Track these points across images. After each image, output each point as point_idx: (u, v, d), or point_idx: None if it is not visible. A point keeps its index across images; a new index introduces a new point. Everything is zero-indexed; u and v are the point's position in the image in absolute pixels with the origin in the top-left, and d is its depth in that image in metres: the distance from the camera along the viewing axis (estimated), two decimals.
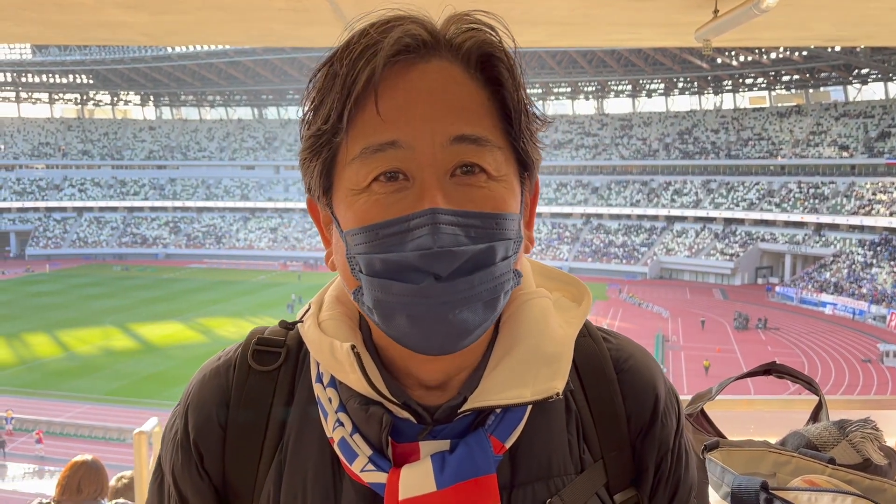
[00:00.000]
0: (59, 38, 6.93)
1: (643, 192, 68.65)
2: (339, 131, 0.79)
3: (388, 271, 0.77)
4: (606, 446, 0.93)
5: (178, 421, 0.93)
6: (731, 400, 2.50)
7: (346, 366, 0.83)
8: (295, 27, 5.74)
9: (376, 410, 0.83)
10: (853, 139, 60.70)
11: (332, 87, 0.79)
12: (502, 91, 0.82)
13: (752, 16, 4.64)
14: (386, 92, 0.78)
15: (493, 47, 0.82)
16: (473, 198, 0.78)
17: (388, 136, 0.77)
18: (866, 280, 49.07)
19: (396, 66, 0.78)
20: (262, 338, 0.95)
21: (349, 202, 0.80)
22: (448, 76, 0.80)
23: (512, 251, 0.81)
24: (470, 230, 0.77)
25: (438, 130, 0.78)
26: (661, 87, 75.96)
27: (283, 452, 0.90)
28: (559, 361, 0.86)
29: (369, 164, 0.78)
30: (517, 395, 0.83)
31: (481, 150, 0.79)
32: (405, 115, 0.78)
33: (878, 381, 32.95)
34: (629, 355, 0.97)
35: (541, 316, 0.88)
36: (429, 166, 0.77)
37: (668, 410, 0.96)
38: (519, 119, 0.82)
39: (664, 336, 40.87)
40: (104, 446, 25.28)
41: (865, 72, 62.72)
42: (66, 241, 75.47)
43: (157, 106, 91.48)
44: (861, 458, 1.35)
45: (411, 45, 0.78)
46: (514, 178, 0.83)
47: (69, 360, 37.21)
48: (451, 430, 0.84)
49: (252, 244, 74.80)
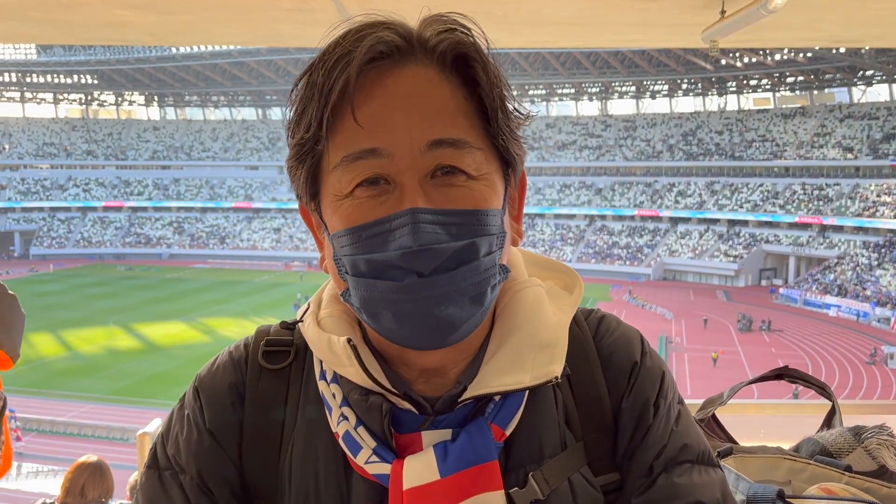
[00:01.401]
0: (64, 38, 6.93)
1: (647, 194, 68.54)
2: (321, 140, 0.81)
3: (373, 271, 0.79)
4: (588, 428, 0.93)
5: (190, 409, 0.93)
6: (740, 404, 2.47)
7: (343, 359, 0.85)
8: (300, 27, 5.73)
9: (376, 399, 0.85)
10: (857, 141, 60.51)
11: (311, 96, 0.81)
12: (479, 90, 0.82)
13: (759, 16, 4.61)
14: (363, 100, 0.79)
15: (467, 47, 0.82)
16: (453, 197, 0.80)
17: (368, 144, 0.79)
18: (870, 282, 48.90)
19: (371, 74, 0.79)
20: (270, 338, 0.97)
21: (334, 207, 0.82)
22: (424, 80, 0.81)
23: (496, 246, 0.82)
24: (451, 228, 0.78)
25: (416, 136, 0.79)
26: (664, 89, 75.80)
27: (294, 450, 0.90)
28: (555, 346, 0.88)
29: (351, 171, 0.80)
30: (516, 381, 0.84)
31: (459, 152, 0.80)
32: (382, 123, 0.79)
33: (883, 383, 32.83)
34: (610, 334, 0.97)
35: (535, 303, 0.90)
36: (408, 170, 0.79)
37: (646, 372, 0.94)
38: (496, 117, 0.83)
39: (667, 337, 40.77)
40: (108, 446, 25.30)
41: (870, 73, 62.53)
42: (71, 241, 75.59)
43: (162, 106, 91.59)
44: (877, 465, 1.32)
45: (385, 51, 0.79)
46: (497, 176, 0.84)
47: (73, 360, 37.26)
48: (452, 420, 0.86)
49: (255, 244, 74.83)
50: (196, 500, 0.90)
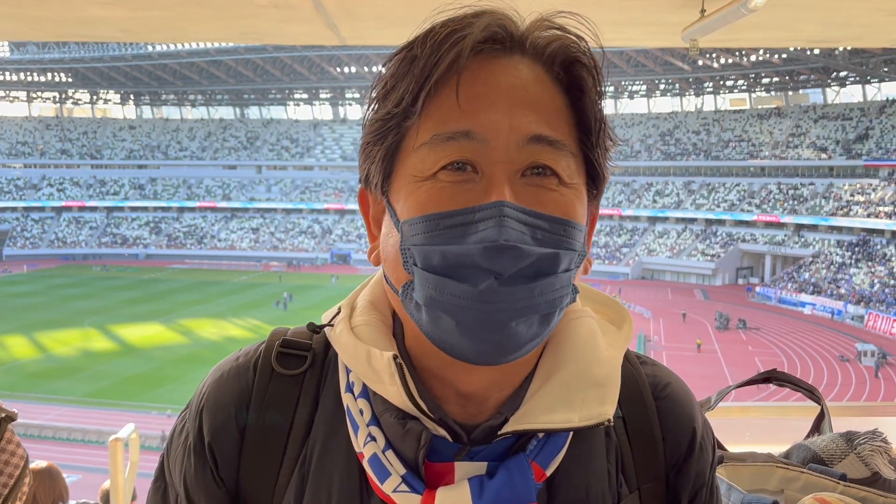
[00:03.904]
0: (37, 34, 6.78)
1: (625, 193, 68.95)
2: (411, 115, 0.75)
3: (446, 266, 0.72)
4: (643, 477, 0.87)
5: (191, 424, 0.87)
6: (724, 407, 2.44)
7: (384, 376, 0.77)
8: (278, 24, 5.64)
9: (415, 426, 0.77)
10: (831, 141, 61.32)
11: (408, 70, 0.76)
12: (584, 99, 0.78)
13: (739, 15, 4.60)
14: (467, 80, 0.75)
15: (578, 52, 0.79)
16: (543, 200, 0.74)
17: (464, 126, 0.74)
18: (844, 280, 49.57)
19: (481, 56, 0.75)
20: (287, 339, 0.89)
21: (410, 189, 0.76)
22: (531, 74, 0.77)
23: (574, 264, 0.76)
24: (537, 231, 0.72)
25: (516, 127, 0.74)
26: (643, 89, 76.34)
27: (307, 465, 0.83)
28: (608, 385, 0.81)
29: (438, 151, 0.74)
30: (564, 420, 0.77)
31: (557, 153, 0.75)
32: (484, 105, 0.74)
33: (857, 380, 33.29)
34: (667, 382, 0.91)
35: (589, 336, 0.83)
36: (501, 162, 0.73)
37: (704, 443, 0.91)
38: (599, 130, 0.79)
39: (646, 336, 41.03)
40: (83, 449, 24.96)
41: (843, 75, 63.39)
42: (45, 242, 74.45)
43: (138, 105, 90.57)
44: (870, 473, 1.29)
45: (499, 35, 0.76)
46: (584, 189, 0.80)
47: (47, 362, 36.65)
48: (489, 453, 0.79)
49: (234, 244, 74.20)
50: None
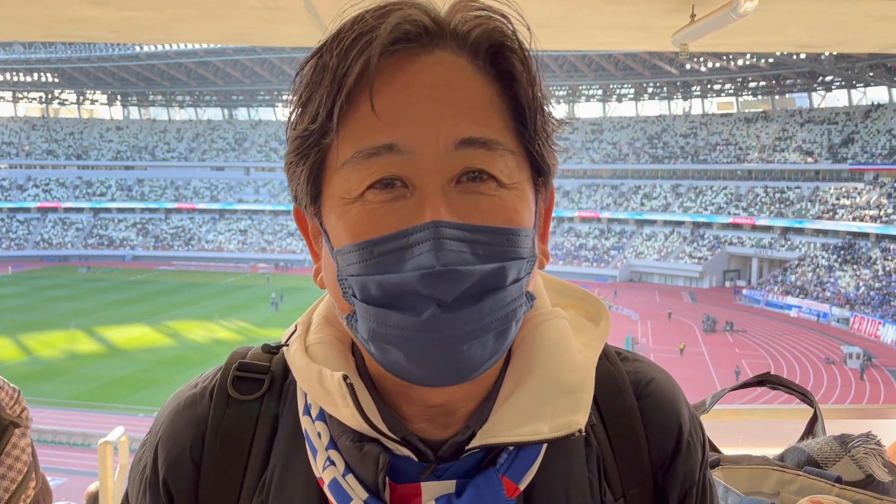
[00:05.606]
0: (24, 34, 6.74)
1: (613, 196, 69.20)
2: (329, 132, 0.69)
3: (386, 297, 0.67)
4: (628, 482, 0.82)
5: (147, 455, 0.83)
6: (716, 410, 2.45)
7: (337, 398, 0.73)
8: (268, 26, 5.63)
9: (372, 449, 0.73)
10: (817, 145, 61.78)
11: (321, 80, 0.69)
12: (515, 87, 0.72)
13: (729, 20, 4.64)
14: (383, 87, 0.68)
15: (504, 37, 0.72)
16: (482, 208, 0.68)
17: (385, 139, 0.68)
18: (830, 283, 49.95)
19: (395, 57, 0.69)
20: (243, 362, 0.84)
21: (340, 213, 0.70)
22: (454, 69, 0.70)
23: (525, 272, 0.71)
24: (478, 247, 0.67)
25: (443, 132, 0.68)
26: (631, 93, 76.63)
27: (265, 492, 0.79)
28: (580, 391, 0.76)
29: (363, 169, 0.68)
30: (533, 431, 0.73)
31: (491, 154, 0.69)
32: (405, 113, 0.68)
33: (843, 382, 33.54)
34: (650, 379, 0.86)
35: (559, 339, 0.78)
36: (431, 173, 0.68)
37: (692, 440, 0.85)
38: (534, 119, 0.73)
39: (633, 338, 41.19)
40: (69, 452, 24.76)
41: (829, 79, 63.86)
42: (30, 243, 73.81)
43: (125, 105, 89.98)
44: (864, 475, 1.30)
45: (412, 32, 0.69)
46: (528, 186, 0.74)
47: (32, 364, 36.34)
48: (457, 469, 0.74)
49: (221, 246, 73.84)
50: None
